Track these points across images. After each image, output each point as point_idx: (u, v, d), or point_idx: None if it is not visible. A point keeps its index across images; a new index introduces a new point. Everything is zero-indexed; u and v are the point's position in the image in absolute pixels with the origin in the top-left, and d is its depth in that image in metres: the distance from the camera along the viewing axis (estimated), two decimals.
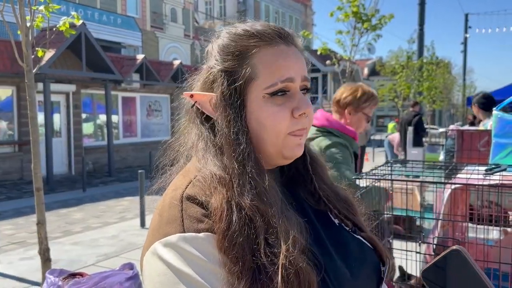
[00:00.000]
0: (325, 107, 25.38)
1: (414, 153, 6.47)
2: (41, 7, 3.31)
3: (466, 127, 4.81)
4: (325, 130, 2.33)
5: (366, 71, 40.93)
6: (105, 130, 13.92)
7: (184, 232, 0.71)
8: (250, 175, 0.75)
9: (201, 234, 0.70)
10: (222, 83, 0.80)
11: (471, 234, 2.43)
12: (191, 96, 0.84)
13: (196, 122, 0.85)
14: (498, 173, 1.64)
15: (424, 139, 12.22)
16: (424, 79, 18.29)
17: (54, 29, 3.47)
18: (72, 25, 11.67)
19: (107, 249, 5.74)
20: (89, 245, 5.94)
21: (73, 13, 3.39)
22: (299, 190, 0.89)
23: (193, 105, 0.85)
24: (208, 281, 0.68)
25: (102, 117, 14.34)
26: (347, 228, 0.88)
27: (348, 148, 2.29)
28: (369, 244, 0.89)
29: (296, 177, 0.91)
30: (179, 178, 0.83)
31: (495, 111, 2.44)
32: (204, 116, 0.84)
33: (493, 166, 1.76)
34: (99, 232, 6.67)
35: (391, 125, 18.76)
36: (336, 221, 0.88)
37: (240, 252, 0.69)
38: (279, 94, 0.78)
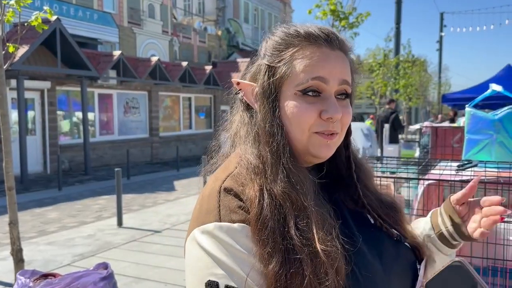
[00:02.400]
0: None
1: (389, 149, 6.56)
2: (12, 1, 3.21)
3: (437, 124, 4.91)
4: None
5: None
6: (81, 128, 13.68)
7: (220, 221, 0.76)
8: (284, 166, 0.79)
9: (236, 225, 0.75)
10: (263, 76, 0.84)
11: None
12: (238, 83, 0.90)
13: (239, 109, 0.91)
14: (469, 169, 1.67)
15: (400, 136, 12.40)
16: (400, 77, 18.56)
17: (25, 24, 3.38)
18: (46, 21, 11.38)
19: (83, 248, 5.65)
20: (64, 245, 5.83)
21: (45, 7, 3.30)
22: (337, 192, 0.92)
23: (237, 92, 0.91)
24: (239, 265, 0.73)
25: (78, 115, 14.07)
26: (394, 237, 0.89)
27: None
28: (408, 244, 0.91)
29: (337, 180, 0.93)
30: (220, 170, 0.88)
31: (468, 108, 2.49)
32: (246, 105, 0.89)
33: (465, 162, 1.79)
34: (75, 232, 6.55)
35: (368, 122, 19.00)
36: (372, 220, 0.91)
37: (271, 234, 0.73)
38: (311, 93, 0.81)
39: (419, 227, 1.02)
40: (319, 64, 0.80)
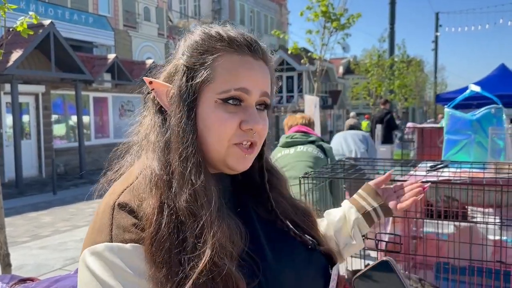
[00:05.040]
0: (300, 106, 25.53)
1: (382, 150, 6.57)
2: None
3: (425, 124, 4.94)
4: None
5: (341, 69, 41.34)
6: (76, 131, 13.68)
7: (112, 241, 0.70)
8: (189, 174, 0.73)
9: (128, 245, 0.70)
10: (181, 78, 0.78)
11: (425, 229, 2.49)
12: (150, 82, 0.83)
13: (151, 111, 0.84)
14: (441, 170, 1.68)
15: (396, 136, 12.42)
16: (395, 77, 18.60)
17: (11, 29, 3.38)
18: (40, 25, 11.26)
19: (75, 252, 5.65)
20: (56, 249, 5.83)
21: (31, 13, 3.30)
22: (248, 199, 0.88)
23: (149, 92, 0.84)
24: None
25: (74, 118, 14.07)
26: (309, 244, 0.88)
27: None
28: (321, 250, 0.90)
29: (249, 187, 0.90)
30: (119, 181, 0.82)
31: (447, 109, 2.50)
32: (159, 107, 0.83)
33: (438, 163, 1.81)
34: (68, 236, 6.56)
35: (364, 123, 19.05)
36: (284, 227, 0.88)
37: (166, 257, 0.68)
38: (232, 102, 0.78)
39: (335, 217, 1.10)
40: (243, 73, 0.78)
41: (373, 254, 1.88)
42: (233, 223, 0.75)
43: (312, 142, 3.24)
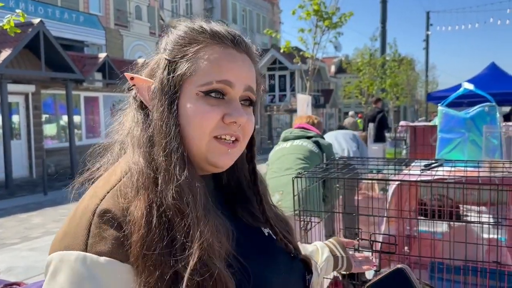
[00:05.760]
0: (293, 105, 25.58)
1: (374, 148, 6.57)
2: None
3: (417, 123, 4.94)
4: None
5: (333, 68, 41.42)
6: (67, 131, 13.57)
7: (86, 251, 0.66)
8: (174, 169, 0.71)
9: (102, 259, 0.65)
10: (163, 72, 0.77)
11: (419, 228, 2.48)
12: (132, 78, 0.81)
13: (132, 107, 0.82)
14: (435, 169, 1.66)
15: (388, 135, 12.47)
16: (387, 76, 18.69)
17: None
18: (29, 24, 11.16)
19: None
20: (47, 251, 5.70)
21: (18, 10, 3.24)
22: (234, 206, 0.86)
23: (130, 87, 0.83)
24: None
25: (65, 118, 13.96)
26: (291, 253, 0.88)
27: None
28: (300, 258, 0.90)
29: (236, 193, 0.88)
30: (101, 181, 0.78)
31: (440, 107, 2.49)
32: (140, 102, 0.81)
33: (432, 161, 1.79)
34: None
35: (358, 121, 19.09)
36: (266, 231, 0.87)
37: (158, 259, 0.65)
38: (214, 95, 0.75)
39: (307, 248, 1.19)
40: (226, 66, 0.76)
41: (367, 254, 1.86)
42: (220, 223, 0.73)
43: (309, 138, 3.30)
